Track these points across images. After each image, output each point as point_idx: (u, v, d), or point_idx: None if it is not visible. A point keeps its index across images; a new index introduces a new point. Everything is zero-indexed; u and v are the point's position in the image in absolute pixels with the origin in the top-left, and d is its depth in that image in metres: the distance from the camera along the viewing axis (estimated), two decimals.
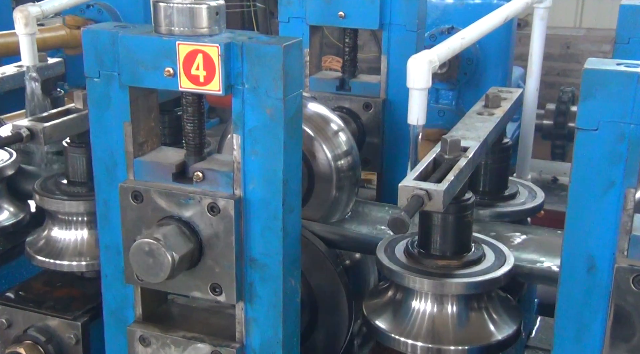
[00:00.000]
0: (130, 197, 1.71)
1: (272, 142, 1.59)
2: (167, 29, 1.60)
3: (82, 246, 2.18)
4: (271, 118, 1.58)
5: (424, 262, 1.79)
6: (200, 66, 1.56)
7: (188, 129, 1.71)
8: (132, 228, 1.73)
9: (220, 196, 1.64)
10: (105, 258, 1.83)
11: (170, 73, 1.58)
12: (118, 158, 1.73)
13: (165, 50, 1.58)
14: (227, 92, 1.58)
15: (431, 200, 1.56)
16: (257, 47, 1.54)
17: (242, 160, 1.63)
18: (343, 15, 2.47)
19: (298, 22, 2.58)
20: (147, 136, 1.76)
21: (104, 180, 1.76)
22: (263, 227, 1.65)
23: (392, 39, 2.49)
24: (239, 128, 1.61)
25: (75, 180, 2.18)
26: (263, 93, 1.57)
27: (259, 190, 1.64)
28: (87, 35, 1.66)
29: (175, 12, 1.58)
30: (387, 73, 2.53)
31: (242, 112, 1.59)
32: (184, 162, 1.72)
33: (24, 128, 1.94)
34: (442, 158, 1.76)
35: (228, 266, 1.67)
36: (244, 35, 1.61)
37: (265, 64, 1.54)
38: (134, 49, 1.61)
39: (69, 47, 4.44)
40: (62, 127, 2.02)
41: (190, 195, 1.66)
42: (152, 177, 1.72)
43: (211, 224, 1.66)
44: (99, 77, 1.69)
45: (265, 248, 1.67)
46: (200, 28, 1.59)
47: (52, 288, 2.20)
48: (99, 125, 1.73)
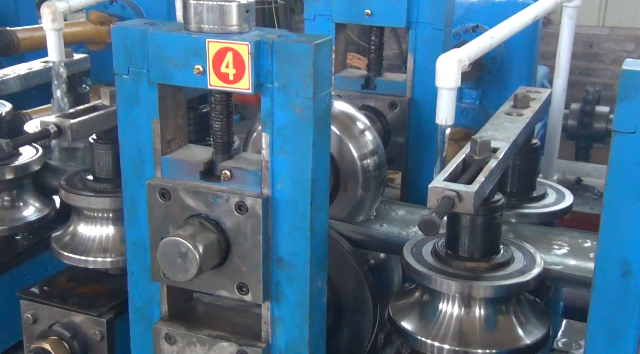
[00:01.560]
0: (158, 195, 1.71)
1: (301, 141, 1.58)
2: (197, 26, 1.59)
3: (107, 243, 2.19)
4: (300, 117, 1.57)
5: (452, 264, 1.78)
6: (230, 64, 1.55)
7: (216, 127, 1.70)
8: (159, 226, 1.73)
9: (248, 195, 1.63)
10: (131, 255, 1.83)
11: (199, 71, 1.58)
12: (146, 155, 1.73)
13: (195, 47, 1.57)
14: (257, 91, 1.57)
15: (462, 202, 1.54)
16: (287, 46, 1.53)
17: (270, 159, 1.61)
18: (370, 13, 2.45)
19: (324, 20, 2.56)
20: (174, 133, 1.75)
21: (131, 177, 1.76)
22: (290, 227, 1.64)
23: (419, 38, 2.46)
24: (267, 126, 1.60)
25: (101, 176, 2.19)
26: (293, 91, 1.55)
27: (287, 189, 1.62)
28: (117, 32, 1.66)
29: (206, 9, 1.57)
30: (414, 72, 2.51)
31: (271, 110, 1.58)
32: (211, 160, 1.71)
33: (51, 125, 1.94)
34: (471, 158, 1.74)
35: (255, 265, 1.66)
36: (273, 33, 1.60)
37: (296, 63, 1.53)
38: (164, 47, 1.60)
39: (93, 42, 4.46)
40: (89, 123, 2.02)
41: (218, 194, 1.66)
42: (179, 175, 1.71)
43: (238, 223, 1.65)
44: (127, 74, 1.68)
45: (293, 248, 1.66)
46: (230, 26, 1.58)
47: (77, 284, 2.20)
48: (127, 122, 1.72)
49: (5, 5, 4.73)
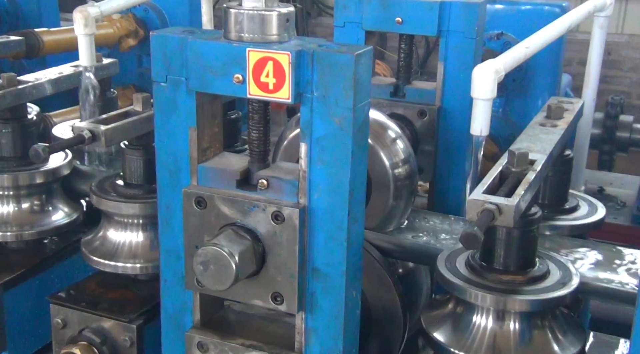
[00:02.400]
0: (194, 203, 1.70)
1: (340, 151, 1.57)
2: (236, 35, 1.59)
3: (137, 249, 2.19)
4: (340, 127, 1.56)
5: (486, 276, 1.76)
6: (270, 73, 1.55)
7: (253, 136, 1.70)
8: (194, 234, 1.72)
9: (285, 205, 1.63)
10: (165, 262, 1.83)
11: (239, 80, 1.57)
12: (182, 163, 1.73)
13: (235, 56, 1.57)
14: (296, 101, 1.56)
15: (502, 215, 1.53)
16: (328, 56, 1.52)
17: (308, 169, 1.61)
18: (400, 21, 2.44)
19: (353, 27, 2.56)
20: (210, 142, 1.75)
21: (167, 184, 1.76)
22: (327, 237, 1.64)
23: (450, 46, 2.45)
24: (306, 136, 1.59)
25: (132, 182, 2.19)
26: (332, 102, 1.55)
27: (324, 199, 1.62)
28: (156, 40, 1.66)
29: (246, 18, 1.57)
30: (444, 81, 2.50)
31: (310, 120, 1.58)
32: (247, 169, 1.71)
33: (85, 130, 1.95)
34: (509, 170, 1.73)
35: (290, 275, 1.66)
36: (313, 42, 1.60)
37: (336, 73, 1.53)
38: (203, 55, 1.60)
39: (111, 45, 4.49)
40: (122, 129, 2.02)
41: (254, 203, 1.65)
42: (215, 183, 1.71)
43: (275, 232, 1.64)
44: (166, 82, 1.68)
45: (328, 259, 1.65)
46: (271, 35, 1.58)
47: (106, 289, 2.21)
48: (164, 129, 1.72)
49: (28, 7, 4.76)
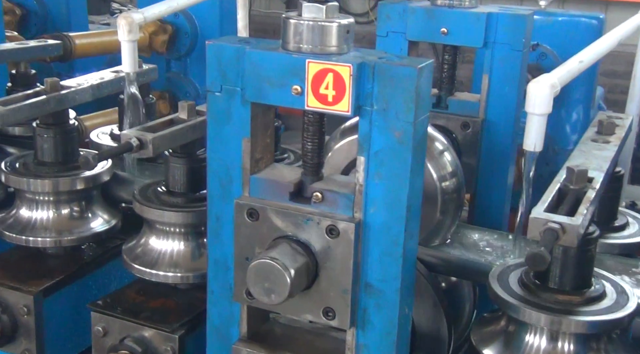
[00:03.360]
0: (246, 214, 1.68)
1: (399, 165, 1.54)
2: (295, 46, 1.56)
3: (178, 258, 2.17)
4: (399, 141, 1.53)
5: (541, 295, 1.72)
6: (330, 85, 1.52)
7: (308, 148, 1.68)
8: (245, 246, 1.70)
9: (340, 219, 1.60)
10: (213, 273, 1.80)
11: (297, 92, 1.55)
12: (234, 174, 1.71)
13: (294, 67, 1.54)
14: (355, 113, 1.54)
15: (565, 234, 1.49)
16: (389, 68, 1.50)
17: (365, 183, 1.58)
18: (446, 32, 2.41)
19: (397, 37, 2.53)
20: (263, 152, 1.73)
21: (217, 195, 1.74)
22: (382, 253, 1.61)
23: (495, 58, 2.42)
24: (364, 150, 1.56)
25: (175, 190, 2.17)
26: (393, 115, 1.52)
27: (380, 214, 1.59)
28: (212, 49, 1.64)
29: (306, 29, 1.55)
30: (488, 93, 2.46)
31: (369, 133, 1.55)
32: (301, 181, 1.69)
33: (133, 138, 1.93)
34: (567, 188, 1.69)
35: (343, 290, 1.63)
36: (373, 54, 1.57)
37: (398, 86, 1.50)
38: (261, 65, 1.58)
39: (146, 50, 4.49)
40: (169, 137, 2.01)
41: (308, 216, 1.62)
42: (268, 195, 1.68)
43: (329, 246, 1.62)
44: (220, 92, 1.66)
45: (383, 275, 1.62)
46: (330, 46, 1.55)
47: (147, 297, 2.19)
48: (216, 139, 1.70)
49: (57, 9, 4.77)
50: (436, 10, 2.42)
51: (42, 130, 2.32)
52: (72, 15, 4.89)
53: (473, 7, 2.42)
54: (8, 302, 2.21)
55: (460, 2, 2.41)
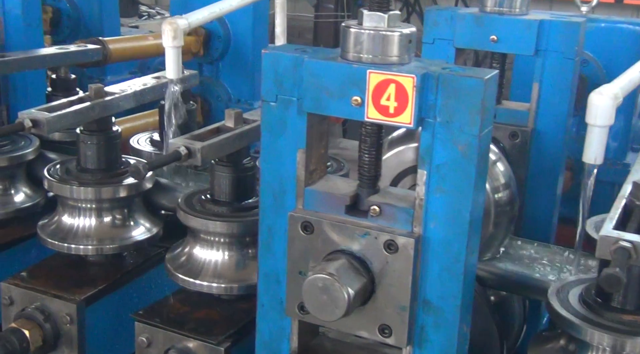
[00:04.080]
0: (300, 227, 1.64)
1: (462, 179, 1.49)
2: (355, 55, 1.52)
3: (223, 268, 2.13)
4: (463, 154, 1.48)
5: (605, 315, 1.66)
6: (392, 97, 1.48)
7: (365, 160, 1.63)
8: (299, 260, 1.66)
9: (399, 234, 1.55)
10: (263, 286, 1.76)
11: (357, 103, 1.51)
12: (288, 185, 1.67)
13: (355, 78, 1.50)
14: (418, 126, 1.49)
15: (638, 253, 1.43)
16: (454, 79, 1.45)
17: (425, 197, 1.53)
18: (495, 39, 2.35)
19: (444, 44, 2.48)
20: (317, 164, 1.69)
21: (270, 207, 1.70)
22: (442, 269, 1.56)
23: (547, 66, 2.36)
24: (425, 163, 1.52)
25: (220, 199, 2.14)
26: (456, 128, 1.47)
27: (441, 229, 1.54)
28: (268, 58, 1.60)
29: (367, 38, 1.50)
30: (538, 102, 2.40)
31: (431, 146, 1.50)
32: (357, 194, 1.64)
33: (182, 147, 1.90)
34: (633, 204, 1.63)
35: (401, 307, 1.58)
36: (435, 65, 1.52)
37: (463, 98, 1.45)
38: (320, 75, 1.53)
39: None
40: (217, 146, 1.97)
41: (366, 230, 1.58)
42: (323, 208, 1.64)
43: (386, 262, 1.57)
44: (275, 101, 1.62)
45: (442, 292, 1.57)
46: (392, 56, 1.51)
47: (191, 308, 2.15)
48: (270, 150, 1.66)
49: (90, 12, 4.78)
50: (486, 17, 2.36)
51: (86, 136, 2.30)
52: (104, 18, 4.90)
53: (524, 14, 2.37)
54: (51, 310, 2.19)
55: (511, 9, 2.36)
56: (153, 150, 2.69)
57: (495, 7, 2.36)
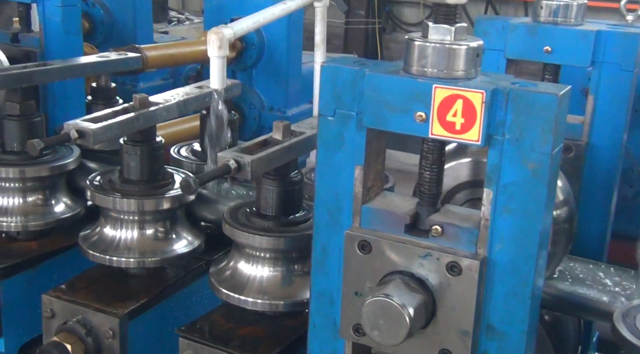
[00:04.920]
0: (357, 247, 1.58)
1: (531, 200, 1.43)
2: (419, 69, 1.46)
3: (268, 284, 2.07)
4: (533, 174, 1.41)
5: None
6: (459, 113, 1.41)
7: (426, 177, 1.57)
8: (355, 280, 1.60)
9: (462, 255, 1.49)
10: (315, 306, 1.71)
11: (422, 119, 1.45)
12: (344, 203, 1.61)
13: (419, 93, 1.44)
14: (486, 143, 1.43)
15: None
16: (526, 95, 1.38)
17: (491, 218, 1.47)
18: (549, 50, 2.28)
19: (494, 55, 2.41)
20: (374, 180, 1.63)
21: (325, 224, 1.64)
22: (507, 293, 1.49)
23: (603, 78, 2.28)
24: (492, 182, 1.45)
25: (267, 213, 2.09)
26: (527, 146, 1.40)
27: (507, 251, 1.47)
28: (326, 72, 1.55)
29: (432, 52, 1.44)
30: (593, 115, 2.32)
31: (498, 165, 1.44)
32: (417, 213, 1.58)
33: (231, 160, 1.85)
34: None
35: (463, 332, 1.51)
36: (503, 79, 1.46)
37: (535, 114, 1.38)
38: (382, 90, 1.48)
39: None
40: (266, 159, 1.92)
41: (427, 251, 1.52)
42: (381, 227, 1.58)
43: (449, 284, 1.51)
44: (333, 116, 1.57)
45: (507, 316, 1.50)
46: (458, 70, 1.45)
47: (235, 324, 2.10)
48: (327, 166, 1.61)
49: (124, 18, 4.76)
50: (539, 27, 2.29)
51: (130, 147, 2.26)
52: (138, 24, 4.88)
53: (579, 24, 2.29)
54: (92, 324, 2.15)
55: (566, 19, 2.29)
56: (194, 161, 2.65)
57: (549, 17, 2.29)
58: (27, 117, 2.46)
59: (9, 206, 2.46)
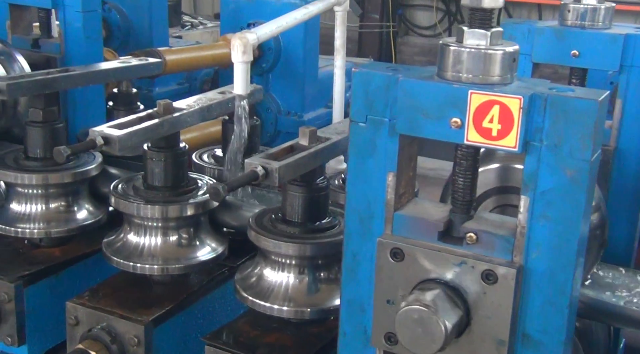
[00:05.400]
0: (389, 254, 1.56)
1: (570, 207, 1.40)
2: (454, 75, 1.44)
3: (294, 291, 2.06)
4: (572, 180, 1.39)
5: None
6: (495, 119, 1.39)
7: (459, 184, 1.55)
8: (387, 288, 1.58)
9: (498, 263, 1.47)
10: (346, 314, 1.68)
11: (457, 125, 1.43)
12: (375, 210, 1.59)
13: (454, 99, 1.42)
14: (523, 150, 1.40)
15: None
16: (565, 101, 1.36)
17: (528, 225, 1.44)
18: (577, 54, 2.26)
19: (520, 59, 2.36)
20: (406, 187, 1.61)
21: (356, 232, 1.62)
22: (544, 301, 1.46)
23: (631, 83, 2.26)
24: (529, 189, 1.43)
25: (292, 220, 2.07)
26: (566, 152, 1.38)
27: (544, 259, 1.45)
28: (359, 78, 1.53)
29: (468, 57, 1.42)
30: (621, 120, 2.30)
31: (536, 171, 1.41)
32: (450, 220, 1.56)
33: (259, 167, 1.83)
34: None
35: (499, 341, 1.49)
36: (539, 84, 1.44)
37: (574, 120, 1.36)
38: (416, 96, 1.46)
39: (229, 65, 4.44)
40: (293, 166, 1.90)
41: (462, 259, 1.49)
42: (414, 234, 1.56)
43: (484, 293, 1.48)
44: (365, 122, 1.55)
45: (544, 325, 1.47)
46: (494, 76, 1.42)
47: (261, 331, 2.09)
48: (358, 173, 1.59)
49: (140, 23, 4.76)
50: (566, 31, 2.27)
51: (154, 153, 2.25)
52: (154, 29, 4.87)
53: (607, 27, 2.27)
54: (117, 331, 2.14)
55: (593, 23, 2.26)
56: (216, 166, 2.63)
57: (576, 20, 2.27)
58: (50, 123, 2.46)
59: (31, 212, 2.46)
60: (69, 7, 3.00)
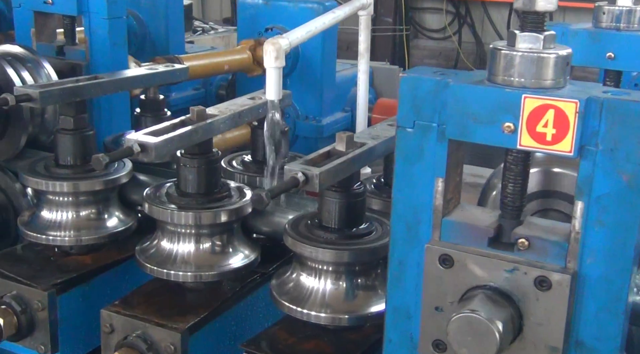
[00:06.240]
0: (438, 261, 1.54)
1: (626, 212, 1.38)
2: (505, 79, 1.43)
3: (331, 297, 2.04)
4: (628, 185, 1.37)
5: None
6: (550, 123, 1.38)
7: (509, 189, 1.53)
8: (436, 295, 1.56)
9: (552, 270, 1.45)
10: (391, 321, 1.67)
11: (510, 130, 1.41)
12: (423, 215, 1.57)
13: (507, 103, 1.40)
14: (578, 154, 1.38)
15: None
16: (622, 105, 1.34)
17: (582, 231, 1.42)
18: (612, 57, 2.24)
19: None
20: (453, 192, 1.59)
21: (402, 238, 1.61)
22: (599, 308, 1.44)
23: None
24: (583, 194, 1.41)
25: (329, 226, 2.05)
26: (622, 156, 1.36)
27: (599, 265, 1.43)
28: (406, 82, 1.52)
29: (520, 61, 1.41)
30: None
31: (591, 176, 1.39)
32: (500, 225, 1.54)
33: (299, 173, 1.82)
34: None
35: (552, 349, 1.47)
36: (593, 88, 1.42)
37: (631, 124, 1.34)
38: (467, 100, 1.44)
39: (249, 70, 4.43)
40: (333, 171, 1.88)
41: (514, 265, 1.48)
42: (462, 240, 1.54)
43: (537, 299, 1.46)
44: (412, 128, 1.53)
45: (599, 332, 1.45)
46: (547, 80, 1.41)
47: (298, 338, 2.07)
48: (405, 178, 1.57)
49: (156, 30, 4.76)
50: (602, 33, 2.25)
51: (187, 160, 2.24)
52: (170, 36, 4.87)
53: None
54: (153, 339, 2.13)
55: (629, 25, 2.24)
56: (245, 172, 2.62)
57: (611, 22, 2.25)
58: (80, 130, 2.46)
59: (62, 220, 2.45)
60: (94, 14, 3.00)
